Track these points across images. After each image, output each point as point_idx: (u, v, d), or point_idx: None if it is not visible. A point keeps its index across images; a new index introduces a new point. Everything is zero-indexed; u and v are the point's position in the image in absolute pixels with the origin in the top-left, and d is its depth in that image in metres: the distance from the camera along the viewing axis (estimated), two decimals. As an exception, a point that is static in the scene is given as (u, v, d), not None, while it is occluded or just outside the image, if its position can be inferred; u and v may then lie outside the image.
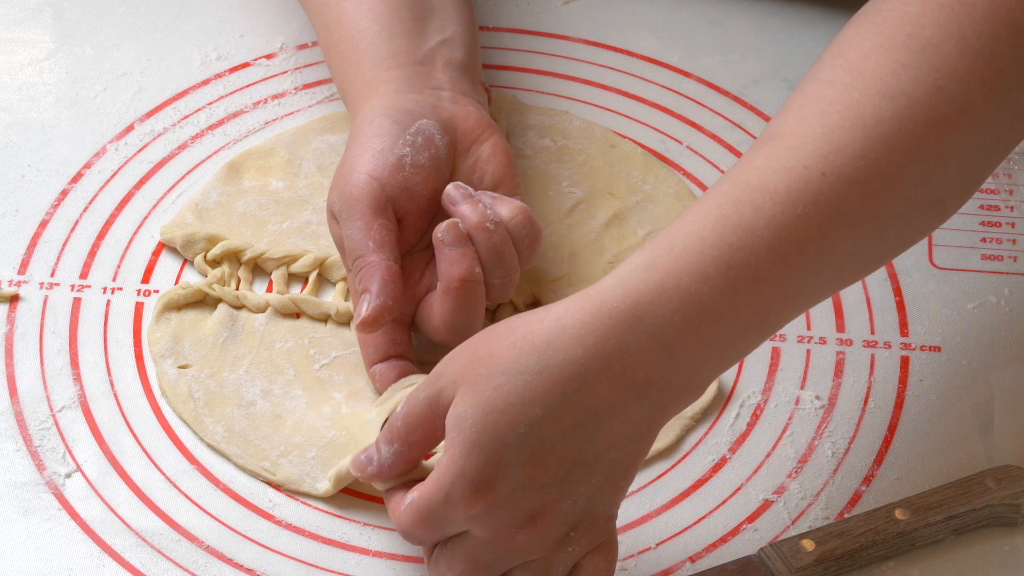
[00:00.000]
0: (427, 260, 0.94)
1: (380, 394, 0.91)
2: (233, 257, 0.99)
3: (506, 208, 0.91)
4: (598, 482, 0.78)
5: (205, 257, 0.99)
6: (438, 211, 0.94)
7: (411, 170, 0.92)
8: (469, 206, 0.91)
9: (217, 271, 0.98)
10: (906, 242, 0.84)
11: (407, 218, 0.93)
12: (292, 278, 0.99)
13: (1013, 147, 0.84)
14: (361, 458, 0.84)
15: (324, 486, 0.89)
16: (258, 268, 1.00)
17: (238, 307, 0.97)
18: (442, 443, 0.80)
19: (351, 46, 0.98)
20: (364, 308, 0.88)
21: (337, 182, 0.92)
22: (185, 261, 1.00)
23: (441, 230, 0.90)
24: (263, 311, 0.97)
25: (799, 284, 0.79)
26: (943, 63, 0.79)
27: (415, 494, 0.80)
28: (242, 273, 0.99)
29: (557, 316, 0.78)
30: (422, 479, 0.81)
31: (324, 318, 0.97)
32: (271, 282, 0.99)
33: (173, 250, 1.01)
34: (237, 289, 0.98)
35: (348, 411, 0.92)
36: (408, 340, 0.93)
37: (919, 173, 0.80)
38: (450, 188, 0.92)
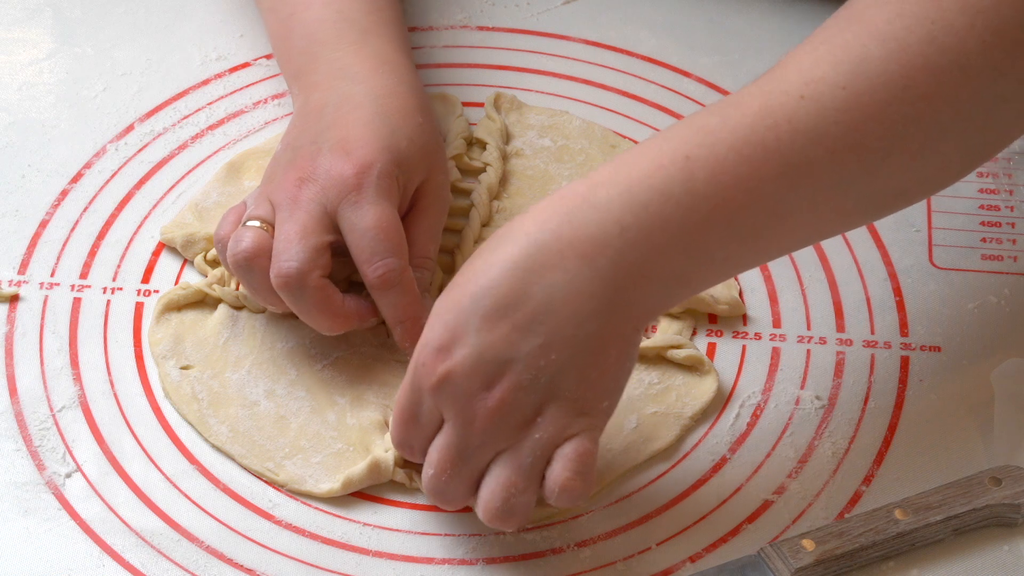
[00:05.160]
0: None
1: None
2: None
3: None
4: (560, 357, 0.79)
5: (205, 257, 0.99)
6: None
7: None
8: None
9: (217, 271, 0.98)
10: (908, 190, 0.85)
11: None
12: None
13: None
14: None
15: (328, 486, 0.89)
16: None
17: (238, 307, 0.97)
18: None
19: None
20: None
21: (402, 137, 0.94)
22: (185, 261, 1.00)
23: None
24: (263, 311, 0.97)
25: (770, 194, 0.80)
26: (940, 16, 0.80)
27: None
28: None
29: (522, 211, 0.82)
30: None
31: None
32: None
33: (173, 250, 1.01)
34: (237, 289, 0.98)
35: (354, 423, 0.92)
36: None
37: (908, 115, 0.81)
38: None
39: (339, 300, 0.91)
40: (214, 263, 0.99)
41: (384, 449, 0.90)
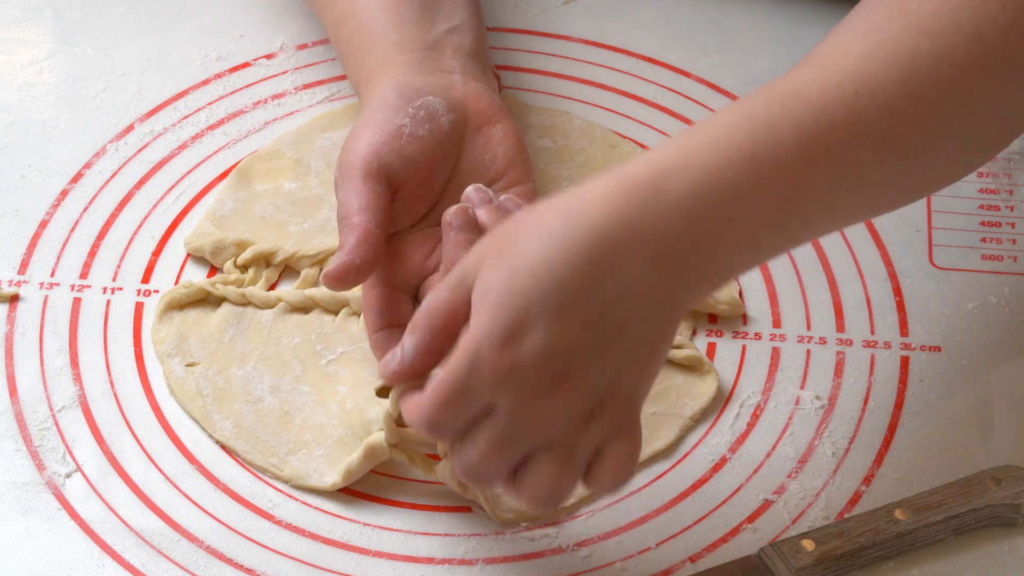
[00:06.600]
0: (437, 239, 0.94)
1: (378, 360, 0.91)
2: (262, 260, 0.99)
3: None
4: (623, 354, 0.79)
5: (235, 262, 0.99)
6: (442, 191, 0.95)
7: (408, 139, 0.93)
8: (487, 211, 0.91)
9: (229, 270, 0.98)
10: (934, 182, 0.86)
11: (404, 187, 0.93)
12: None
13: None
14: (385, 358, 0.84)
15: (332, 479, 0.89)
16: (282, 268, 1.00)
17: (242, 304, 0.97)
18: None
19: (362, 36, 0.99)
20: (332, 262, 0.89)
21: (340, 153, 0.94)
22: (185, 261, 1.00)
23: (450, 213, 0.90)
24: (271, 307, 0.97)
25: (823, 190, 0.80)
26: (986, 11, 0.81)
27: (439, 373, 0.80)
28: (269, 274, 0.99)
29: (582, 188, 0.79)
30: None
31: (338, 309, 0.97)
32: (275, 283, 0.99)
33: (173, 250, 1.01)
34: (240, 287, 0.98)
35: (352, 406, 0.92)
36: (411, 312, 0.93)
37: (951, 114, 0.81)
38: (470, 190, 0.92)
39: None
40: (243, 268, 0.99)
41: (378, 428, 0.89)
